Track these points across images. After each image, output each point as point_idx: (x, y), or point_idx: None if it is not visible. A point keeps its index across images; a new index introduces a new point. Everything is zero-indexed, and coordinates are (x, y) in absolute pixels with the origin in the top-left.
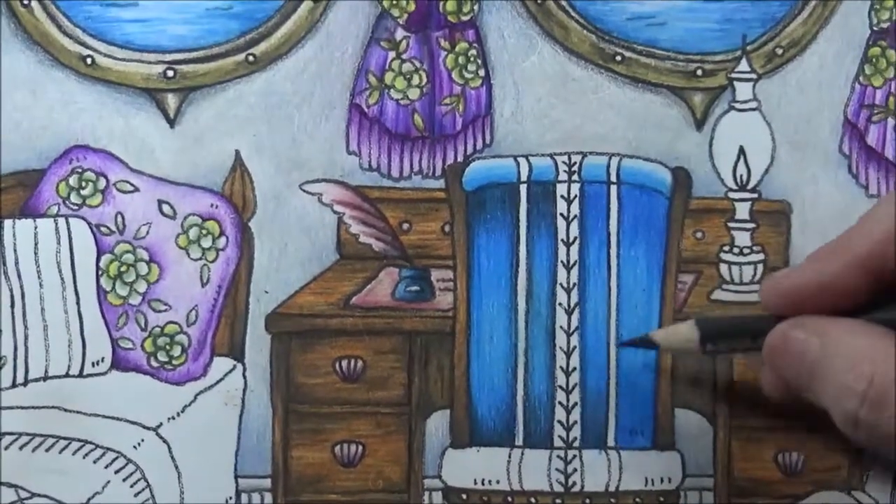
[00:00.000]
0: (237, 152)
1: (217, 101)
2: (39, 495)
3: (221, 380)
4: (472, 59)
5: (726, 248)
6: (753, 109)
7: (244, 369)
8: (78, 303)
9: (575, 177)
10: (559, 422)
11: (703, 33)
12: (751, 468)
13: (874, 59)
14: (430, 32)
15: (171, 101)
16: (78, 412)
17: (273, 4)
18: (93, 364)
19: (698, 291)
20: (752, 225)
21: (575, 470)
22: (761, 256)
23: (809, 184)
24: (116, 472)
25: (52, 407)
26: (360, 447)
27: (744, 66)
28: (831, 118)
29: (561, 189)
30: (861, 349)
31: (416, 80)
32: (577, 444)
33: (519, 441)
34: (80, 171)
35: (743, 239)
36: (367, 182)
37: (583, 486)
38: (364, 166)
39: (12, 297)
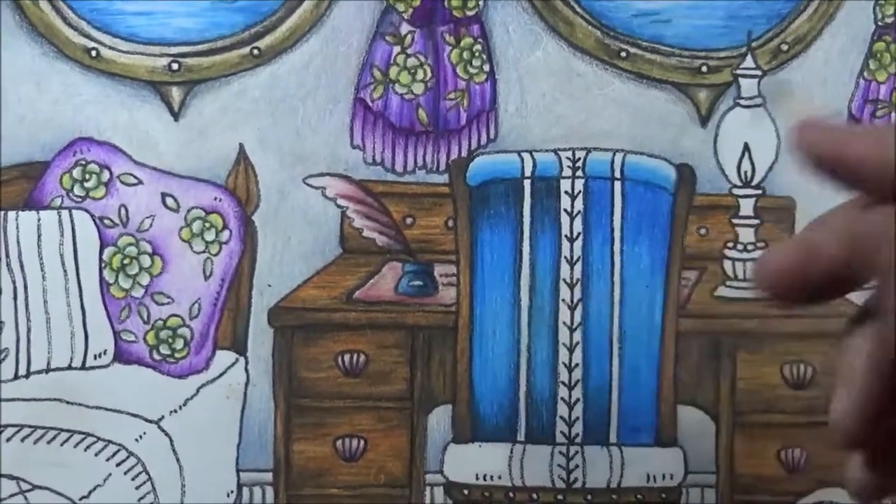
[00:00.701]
0: (241, 146)
1: (221, 94)
2: (41, 487)
3: (224, 373)
4: (476, 54)
5: (730, 245)
6: (758, 106)
7: (246, 363)
8: (81, 295)
9: (579, 172)
10: (561, 417)
11: (708, 30)
12: (753, 465)
13: (878, 55)
14: (436, 27)
15: (176, 93)
16: (80, 405)
17: None
18: (95, 357)
19: (702, 288)
20: (756, 221)
21: (577, 466)
22: None
23: (814, 180)
24: (118, 464)
25: (54, 399)
26: (362, 441)
27: (749, 62)
28: (836, 114)
29: (565, 185)
30: None
31: (420, 75)
32: (579, 440)
33: (521, 437)
34: (83, 163)
35: (747, 235)
36: (371, 176)
37: (585, 481)
38: (368, 160)
39: (15, 288)
